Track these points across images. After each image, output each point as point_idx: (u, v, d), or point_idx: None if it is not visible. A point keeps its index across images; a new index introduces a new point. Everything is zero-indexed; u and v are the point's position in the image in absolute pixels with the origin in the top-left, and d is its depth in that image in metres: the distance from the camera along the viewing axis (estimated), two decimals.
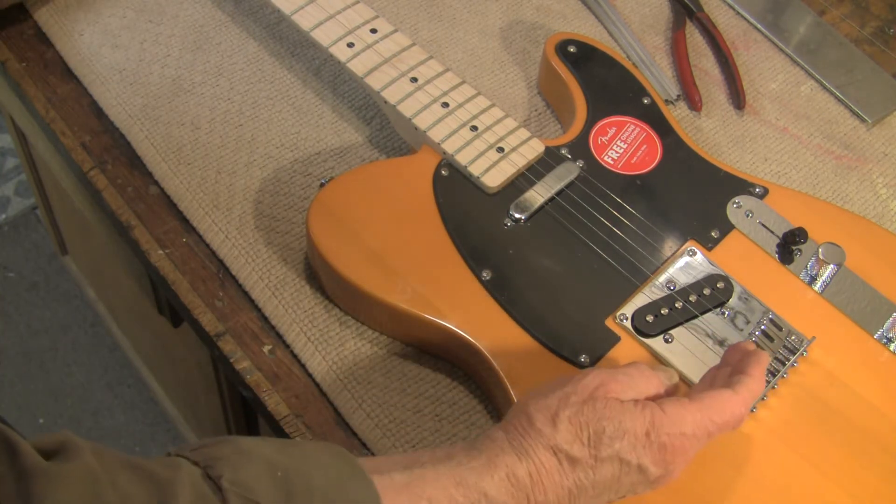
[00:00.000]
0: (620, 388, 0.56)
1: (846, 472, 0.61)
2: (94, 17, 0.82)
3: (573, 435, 0.53)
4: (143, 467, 0.45)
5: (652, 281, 0.67)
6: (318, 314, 0.69)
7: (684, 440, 0.54)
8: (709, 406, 0.56)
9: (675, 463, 0.55)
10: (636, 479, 0.54)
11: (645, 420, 0.54)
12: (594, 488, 0.54)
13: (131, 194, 0.74)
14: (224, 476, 0.46)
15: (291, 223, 0.73)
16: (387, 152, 0.77)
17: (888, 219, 0.78)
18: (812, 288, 0.68)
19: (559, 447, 0.53)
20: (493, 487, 0.52)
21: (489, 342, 0.63)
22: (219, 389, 0.98)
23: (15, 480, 0.41)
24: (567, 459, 0.53)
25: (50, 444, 0.44)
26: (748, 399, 0.57)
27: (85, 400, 1.57)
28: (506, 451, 0.53)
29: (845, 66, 0.87)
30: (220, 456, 0.47)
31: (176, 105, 0.78)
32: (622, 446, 0.53)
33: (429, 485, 0.51)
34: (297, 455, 0.49)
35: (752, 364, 0.59)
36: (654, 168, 0.73)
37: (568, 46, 0.78)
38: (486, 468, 0.52)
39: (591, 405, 0.54)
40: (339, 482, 0.48)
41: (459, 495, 0.51)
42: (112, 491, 0.43)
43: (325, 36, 0.74)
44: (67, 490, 0.42)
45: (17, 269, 1.69)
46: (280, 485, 0.47)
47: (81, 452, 0.44)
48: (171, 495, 0.44)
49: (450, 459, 0.53)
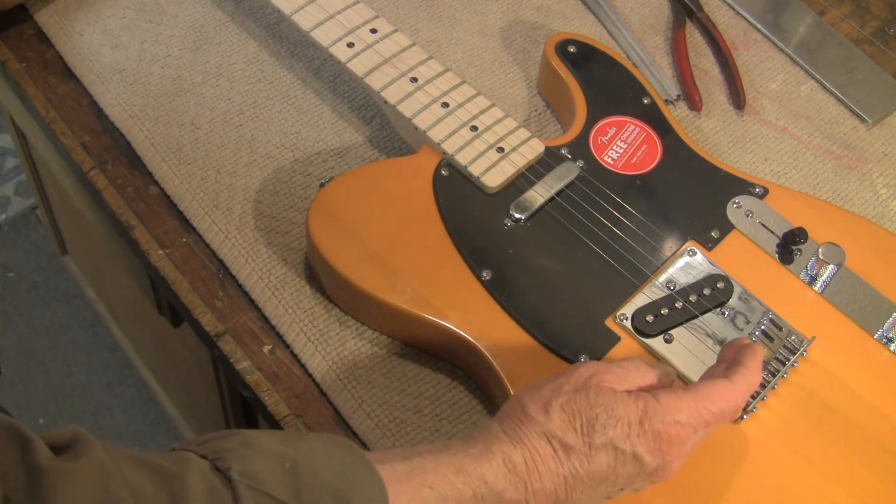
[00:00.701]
0: (615, 379, 0.56)
1: (846, 472, 0.61)
2: (94, 17, 0.82)
3: (566, 423, 0.53)
4: (152, 463, 0.45)
5: (652, 281, 0.67)
6: (318, 314, 0.69)
7: (679, 429, 0.54)
8: (704, 396, 0.56)
9: (671, 453, 0.54)
10: (632, 469, 0.54)
11: (638, 408, 0.54)
12: (590, 478, 0.53)
13: (131, 194, 0.74)
14: (233, 468, 0.46)
15: (291, 223, 0.73)
16: (387, 152, 0.77)
17: (888, 219, 0.78)
18: (812, 288, 0.68)
19: (552, 433, 0.53)
20: (492, 473, 0.52)
21: (489, 342, 0.63)
22: (219, 389, 0.99)
23: (27, 475, 0.42)
24: (561, 447, 0.53)
25: (61, 439, 0.44)
26: (744, 389, 0.57)
27: (85, 400, 1.57)
28: (501, 439, 0.53)
29: (845, 66, 0.87)
30: (227, 448, 0.47)
31: (176, 105, 0.78)
32: (616, 434, 0.53)
33: (429, 473, 0.51)
34: (303, 446, 0.49)
35: (748, 356, 0.59)
36: (654, 168, 0.73)
37: (568, 46, 0.78)
38: (483, 455, 0.53)
39: (584, 393, 0.54)
40: (346, 472, 0.49)
41: (459, 482, 0.51)
42: (123, 486, 0.43)
43: (325, 36, 0.74)
44: (78, 485, 0.42)
45: (17, 269, 1.69)
46: (289, 475, 0.47)
47: (93, 448, 0.44)
48: (181, 489, 0.44)
49: (448, 450, 0.53)
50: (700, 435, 0.56)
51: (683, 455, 0.55)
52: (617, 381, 0.56)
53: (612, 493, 0.55)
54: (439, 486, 0.51)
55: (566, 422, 0.53)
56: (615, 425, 0.53)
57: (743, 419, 0.62)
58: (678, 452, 0.55)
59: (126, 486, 0.43)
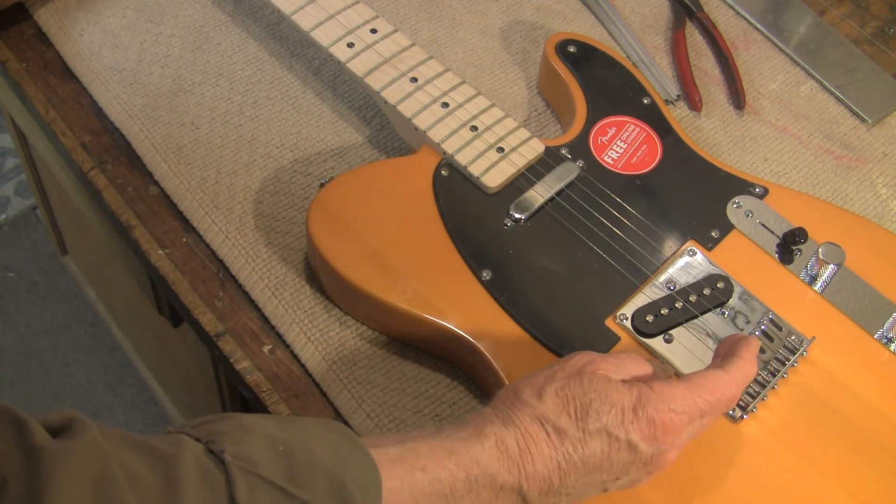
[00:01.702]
0: (610, 368, 0.56)
1: (846, 472, 0.61)
2: (94, 17, 0.82)
3: (560, 407, 0.53)
4: (147, 445, 0.45)
5: (652, 281, 0.67)
6: (318, 314, 0.69)
7: (674, 416, 0.54)
8: (698, 384, 0.56)
9: (665, 441, 0.54)
10: (627, 457, 0.54)
11: (632, 395, 0.54)
12: (584, 464, 0.53)
13: (131, 194, 0.74)
14: (227, 451, 0.46)
15: (291, 223, 0.73)
16: (387, 152, 0.77)
17: (888, 219, 0.78)
18: (812, 288, 0.68)
19: (546, 417, 0.53)
20: (484, 455, 0.52)
21: (489, 342, 0.63)
22: (219, 389, 0.98)
23: (23, 456, 0.42)
24: (555, 431, 0.53)
25: (56, 421, 0.44)
26: (739, 379, 0.57)
27: (85, 400, 1.57)
28: (493, 422, 0.54)
29: (845, 66, 0.87)
30: (221, 431, 0.47)
31: (176, 105, 0.78)
32: (609, 420, 0.53)
33: (422, 456, 0.51)
34: (297, 430, 0.50)
35: (742, 347, 0.59)
36: (654, 168, 0.73)
37: (568, 46, 0.78)
38: (475, 437, 0.53)
39: (578, 379, 0.54)
40: (340, 455, 0.49)
41: (451, 464, 0.51)
42: (118, 466, 0.43)
43: (325, 36, 0.74)
44: (75, 464, 0.42)
45: (17, 269, 1.69)
46: (282, 459, 0.47)
47: (88, 428, 0.44)
48: (175, 470, 0.44)
49: (440, 433, 0.53)
50: (696, 426, 0.56)
51: (679, 445, 0.55)
52: (612, 370, 0.56)
53: (608, 484, 0.55)
54: (432, 468, 0.51)
55: (560, 406, 0.53)
56: (609, 411, 0.53)
57: (743, 419, 0.62)
58: (673, 441, 0.55)
59: (121, 466, 0.43)
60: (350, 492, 0.48)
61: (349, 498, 0.48)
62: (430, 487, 0.51)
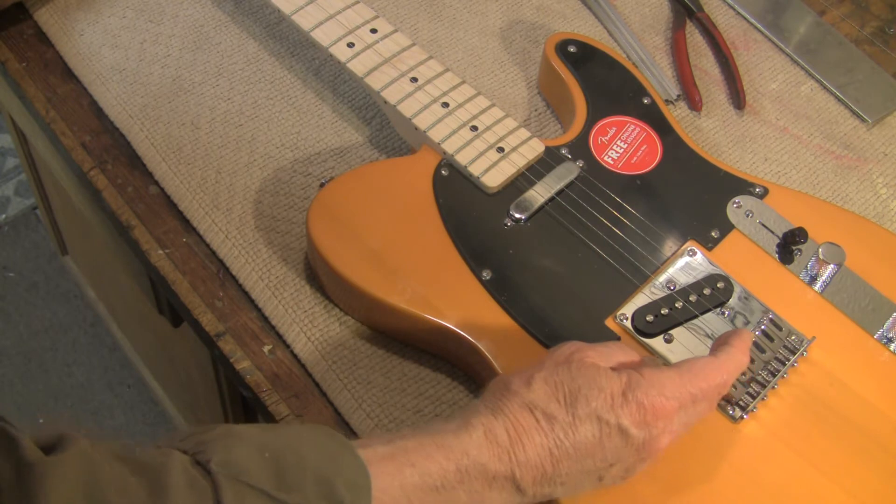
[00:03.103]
0: (598, 356, 0.56)
1: (846, 472, 0.61)
2: (94, 17, 0.82)
3: (549, 394, 0.54)
4: (135, 458, 0.46)
5: (652, 281, 0.67)
6: (318, 314, 0.69)
7: (664, 401, 0.54)
8: (688, 370, 0.56)
9: (657, 426, 0.54)
10: (619, 442, 0.54)
11: (621, 381, 0.54)
12: (576, 450, 0.53)
13: (131, 194, 0.74)
14: (213, 459, 0.46)
15: (291, 223, 0.73)
16: (387, 152, 0.77)
17: (888, 219, 0.78)
18: (812, 288, 0.68)
19: (535, 404, 0.53)
20: (473, 445, 0.52)
21: (489, 342, 0.63)
22: (219, 389, 0.99)
23: (14, 470, 0.42)
24: (544, 417, 0.53)
25: (47, 438, 0.45)
26: (730, 367, 0.57)
27: (85, 400, 1.57)
28: (482, 412, 0.54)
29: (845, 66, 0.87)
30: (208, 440, 0.48)
31: (176, 105, 0.78)
32: (599, 405, 0.53)
33: (411, 452, 0.51)
34: (286, 435, 0.50)
35: (734, 337, 0.59)
36: (654, 168, 0.73)
37: (568, 46, 0.78)
38: (463, 428, 0.53)
39: (566, 367, 0.55)
40: (329, 458, 0.49)
41: (441, 457, 0.51)
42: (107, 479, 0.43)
43: (325, 36, 0.74)
44: (65, 476, 0.42)
45: (17, 269, 1.69)
46: (270, 463, 0.47)
47: (77, 441, 0.44)
48: (162, 481, 0.44)
49: (429, 429, 0.53)
50: (689, 413, 0.56)
51: (671, 431, 0.55)
52: (600, 358, 0.56)
53: (602, 472, 0.55)
54: (421, 463, 0.51)
55: (549, 393, 0.54)
56: (598, 396, 0.53)
57: (743, 419, 0.62)
58: (665, 426, 0.55)
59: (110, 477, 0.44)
60: (340, 493, 0.48)
61: (339, 499, 0.48)
62: (420, 482, 0.51)
